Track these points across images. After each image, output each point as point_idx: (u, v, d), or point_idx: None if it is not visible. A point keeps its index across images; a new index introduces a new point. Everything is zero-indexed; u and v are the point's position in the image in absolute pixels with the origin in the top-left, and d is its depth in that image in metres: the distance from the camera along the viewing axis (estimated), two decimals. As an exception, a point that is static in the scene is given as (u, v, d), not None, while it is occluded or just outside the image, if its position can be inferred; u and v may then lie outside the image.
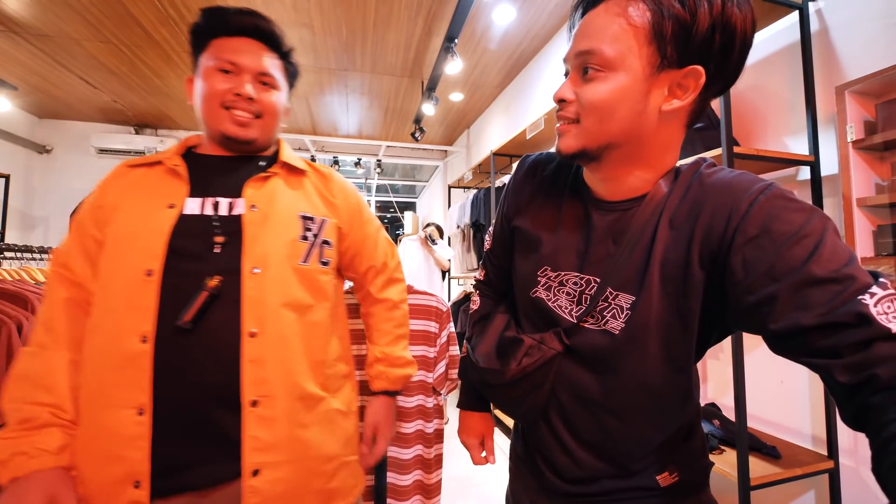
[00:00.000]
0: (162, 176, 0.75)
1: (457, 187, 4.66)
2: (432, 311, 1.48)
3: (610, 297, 0.55)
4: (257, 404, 0.65)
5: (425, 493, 1.38)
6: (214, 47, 0.77)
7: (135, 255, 0.67)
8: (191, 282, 0.66)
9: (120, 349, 0.63)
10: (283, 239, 0.73)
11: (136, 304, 0.64)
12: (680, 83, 0.49)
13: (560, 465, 0.62)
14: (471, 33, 2.96)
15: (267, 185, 0.77)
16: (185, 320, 0.64)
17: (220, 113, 0.75)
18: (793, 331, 0.41)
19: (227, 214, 0.72)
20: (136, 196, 0.72)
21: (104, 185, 0.76)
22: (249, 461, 0.64)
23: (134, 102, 4.18)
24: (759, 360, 1.52)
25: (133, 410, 0.62)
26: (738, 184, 0.48)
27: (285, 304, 0.71)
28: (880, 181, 1.25)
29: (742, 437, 1.17)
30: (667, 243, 0.51)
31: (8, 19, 2.80)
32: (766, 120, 1.55)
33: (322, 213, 0.81)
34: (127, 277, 0.66)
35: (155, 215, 0.70)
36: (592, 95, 0.50)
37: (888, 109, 1.22)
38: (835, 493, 1.29)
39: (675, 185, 0.53)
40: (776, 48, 1.52)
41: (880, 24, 1.23)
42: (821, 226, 0.42)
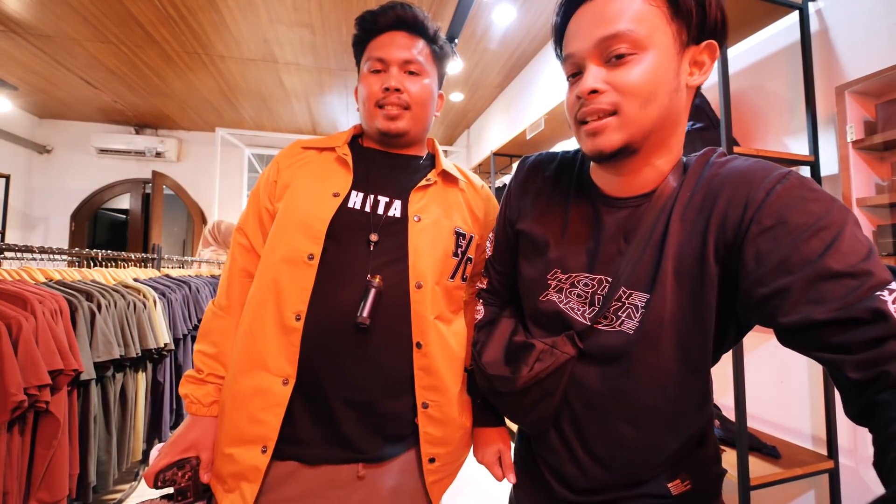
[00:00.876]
0: (331, 162, 0.80)
1: (457, 187, 4.65)
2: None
3: (623, 296, 0.53)
4: (428, 407, 0.73)
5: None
6: (368, 50, 0.81)
7: (299, 237, 0.72)
8: (345, 274, 0.71)
9: (277, 321, 0.70)
10: (440, 253, 0.76)
11: (296, 284, 0.70)
12: (697, 59, 0.50)
13: (567, 475, 0.60)
14: (471, 33, 2.96)
15: (428, 193, 0.80)
16: (365, 317, 0.67)
17: (376, 112, 0.78)
18: (804, 325, 0.39)
19: (385, 214, 0.76)
20: (306, 178, 0.78)
21: (280, 161, 0.81)
22: (426, 452, 0.74)
23: (134, 102, 4.18)
24: (759, 360, 1.52)
25: (280, 378, 0.68)
26: (754, 173, 0.46)
27: (437, 317, 0.75)
28: (880, 181, 1.25)
29: (742, 436, 1.17)
30: (680, 238, 0.50)
31: (8, 19, 2.80)
32: (766, 120, 1.55)
33: (470, 228, 0.82)
34: (291, 257, 0.71)
35: (321, 201, 0.74)
36: (632, 79, 0.48)
37: (888, 109, 1.22)
38: (835, 493, 1.29)
39: (686, 178, 0.52)
40: (776, 48, 1.52)
41: (880, 24, 1.23)
42: (840, 217, 0.40)
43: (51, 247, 2.00)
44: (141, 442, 2.10)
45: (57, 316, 1.53)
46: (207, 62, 3.37)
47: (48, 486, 1.41)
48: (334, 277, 0.71)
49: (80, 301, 1.70)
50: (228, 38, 3.02)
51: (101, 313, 1.77)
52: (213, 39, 3.05)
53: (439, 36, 0.83)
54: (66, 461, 1.46)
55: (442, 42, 0.84)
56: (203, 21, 2.82)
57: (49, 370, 1.36)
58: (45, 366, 1.36)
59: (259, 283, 0.74)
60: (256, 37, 3.01)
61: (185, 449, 0.72)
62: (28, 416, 1.36)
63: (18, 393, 1.26)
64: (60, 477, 1.43)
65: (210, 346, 0.77)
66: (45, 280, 1.88)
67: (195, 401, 0.75)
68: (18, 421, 1.33)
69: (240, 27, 2.90)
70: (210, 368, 0.76)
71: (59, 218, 4.66)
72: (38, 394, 1.32)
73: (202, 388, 0.75)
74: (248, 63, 3.41)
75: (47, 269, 1.96)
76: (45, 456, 1.40)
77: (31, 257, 2.01)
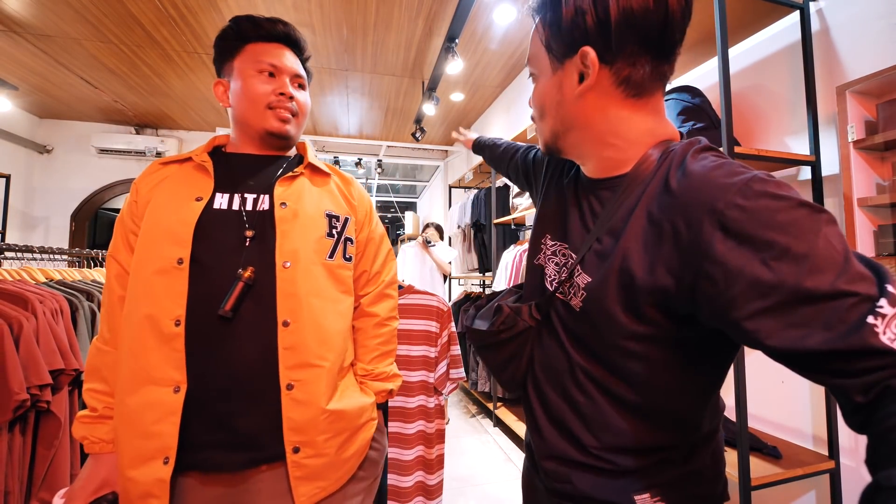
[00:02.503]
0: (190, 172, 0.80)
1: (457, 187, 4.66)
2: (433, 310, 1.48)
3: (576, 273, 0.56)
4: (293, 388, 0.72)
5: (427, 493, 1.38)
6: (251, 52, 0.83)
7: (165, 244, 0.72)
8: (220, 272, 0.72)
9: (156, 331, 0.69)
10: (311, 235, 0.79)
11: (170, 291, 0.70)
12: (581, 66, 0.52)
13: (534, 446, 0.63)
14: (471, 33, 2.96)
15: (294, 184, 0.83)
16: (227, 309, 0.69)
17: (265, 113, 0.81)
18: (793, 352, 0.37)
19: (253, 209, 0.78)
20: (166, 190, 0.78)
21: (138, 183, 0.82)
22: (288, 440, 0.71)
23: (134, 102, 4.18)
24: (759, 360, 1.52)
25: (170, 388, 0.68)
26: (715, 179, 0.43)
27: (314, 295, 0.77)
28: (881, 181, 1.25)
29: (743, 437, 1.17)
30: (637, 234, 0.49)
31: (8, 19, 2.80)
32: (766, 120, 1.55)
33: (345, 211, 0.87)
34: (160, 265, 0.71)
35: (183, 207, 0.75)
36: (532, 99, 0.61)
37: (889, 109, 1.22)
38: (835, 493, 1.29)
39: (660, 170, 0.50)
40: (777, 48, 1.52)
41: (881, 23, 1.23)
42: (811, 225, 0.37)
43: (51, 247, 2.00)
44: (141, 442, 2.10)
45: (58, 316, 1.53)
46: (208, 62, 3.37)
47: (49, 485, 1.41)
48: (208, 277, 0.71)
49: (80, 301, 1.70)
50: (229, 37, 3.02)
51: (102, 313, 1.77)
52: (214, 39, 3.05)
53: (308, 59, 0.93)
54: (67, 461, 1.46)
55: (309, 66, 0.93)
56: (203, 21, 2.82)
57: (50, 370, 1.36)
58: (46, 365, 1.36)
59: (131, 299, 0.73)
60: (257, 37, 3.01)
61: (97, 488, 0.71)
62: (29, 416, 1.36)
63: (21, 392, 1.26)
64: (62, 477, 1.43)
65: (101, 384, 0.76)
66: (45, 280, 1.88)
67: (97, 440, 0.73)
68: (20, 421, 1.33)
69: (240, 27, 2.89)
70: (106, 404, 0.75)
71: (60, 218, 4.66)
72: (40, 393, 1.32)
73: (102, 426, 0.74)
74: (248, 63, 3.40)
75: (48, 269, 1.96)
76: (46, 456, 1.40)
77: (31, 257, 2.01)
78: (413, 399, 1.39)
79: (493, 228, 3.25)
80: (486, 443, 2.80)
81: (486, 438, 2.87)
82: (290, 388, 0.71)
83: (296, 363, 0.72)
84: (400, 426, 1.36)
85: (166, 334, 0.69)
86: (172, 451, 0.66)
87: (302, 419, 0.72)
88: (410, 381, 1.40)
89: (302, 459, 0.71)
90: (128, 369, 0.70)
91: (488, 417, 3.27)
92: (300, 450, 0.71)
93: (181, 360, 0.68)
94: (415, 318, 1.44)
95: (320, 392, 0.74)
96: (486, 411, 3.38)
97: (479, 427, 3.10)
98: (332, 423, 0.75)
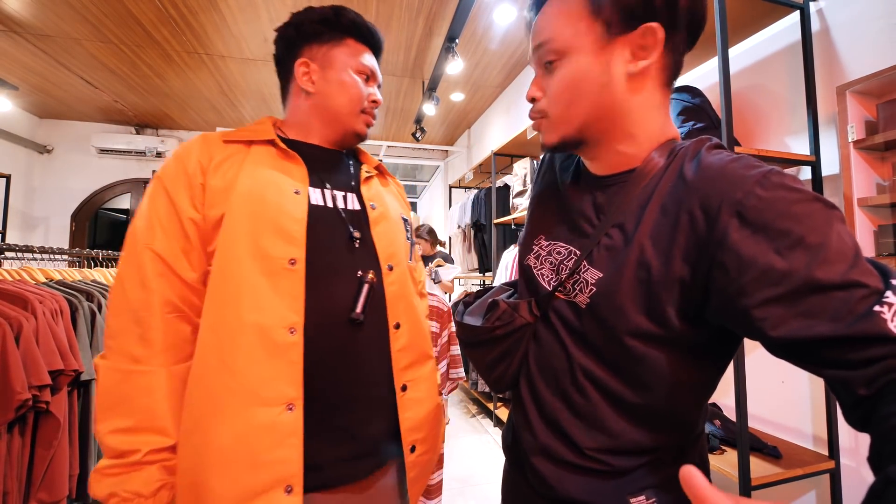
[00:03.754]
0: (274, 158, 0.71)
1: (458, 187, 4.66)
2: (433, 310, 1.48)
3: (582, 269, 0.54)
4: (407, 388, 0.72)
5: (426, 493, 1.38)
6: (354, 49, 0.79)
7: (272, 241, 0.64)
8: (336, 274, 0.68)
9: (265, 341, 0.60)
10: (399, 238, 0.80)
11: (282, 295, 0.62)
12: (640, 45, 0.49)
13: (525, 443, 0.60)
14: (472, 33, 2.96)
15: (373, 185, 0.83)
16: (358, 312, 0.66)
17: (359, 115, 0.80)
18: (797, 341, 0.37)
19: (345, 208, 0.75)
20: (254, 177, 0.67)
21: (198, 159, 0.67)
22: (407, 440, 0.70)
23: (135, 102, 4.18)
24: (760, 360, 1.52)
25: (281, 407, 0.59)
26: (734, 171, 0.43)
27: (412, 295, 0.79)
28: (881, 181, 1.25)
29: (743, 437, 1.17)
30: (652, 227, 0.48)
31: (8, 19, 2.80)
32: (767, 120, 1.55)
33: (408, 215, 0.89)
34: (266, 265, 0.63)
35: (284, 199, 0.67)
36: (554, 85, 0.52)
37: (889, 109, 1.21)
38: (836, 493, 1.28)
39: (672, 164, 0.49)
40: (777, 48, 1.52)
41: (881, 23, 1.23)
42: (825, 219, 0.38)
43: (51, 247, 2.00)
44: (141, 442, 2.10)
45: (57, 316, 1.53)
46: (208, 62, 3.37)
47: (48, 486, 1.41)
48: (323, 280, 0.66)
49: (80, 301, 1.70)
50: (229, 37, 3.03)
51: (102, 313, 1.77)
52: (214, 39, 3.05)
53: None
54: (66, 461, 1.46)
55: None
56: (203, 21, 2.82)
57: (49, 370, 1.36)
58: (46, 366, 1.36)
59: (222, 305, 0.62)
60: (257, 36, 3.01)
61: None
62: (28, 417, 1.36)
63: (24, 391, 1.26)
64: (60, 477, 1.43)
65: (130, 420, 0.59)
66: (45, 280, 1.87)
67: (132, 496, 0.56)
68: (19, 421, 1.33)
69: (240, 27, 2.90)
70: (145, 445, 0.58)
71: (60, 218, 4.66)
72: (39, 394, 1.32)
73: (138, 474, 0.57)
74: (248, 63, 3.41)
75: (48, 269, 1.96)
76: (45, 456, 1.40)
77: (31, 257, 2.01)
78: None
79: (494, 228, 3.25)
80: (486, 443, 2.79)
81: (486, 438, 2.87)
82: (404, 389, 0.72)
83: (407, 364, 0.73)
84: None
85: (280, 345, 0.60)
86: (298, 479, 0.58)
87: (419, 417, 0.73)
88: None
89: (417, 458, 0.72)
90: (220, 390, 0.59)
91: (488, 417, 3.27)
92: (416, 448, 0.72)
93: (297, 373, 0.60)
94: (414, 319, 1.44)
95: (432, 388, 0.77)
96: (486, 411, 3.38)
97: (479, 427, 3.10)
98: (437, 417, 0.78)
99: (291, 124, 0.80)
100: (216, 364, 0.60)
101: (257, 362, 0.60)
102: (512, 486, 0.67)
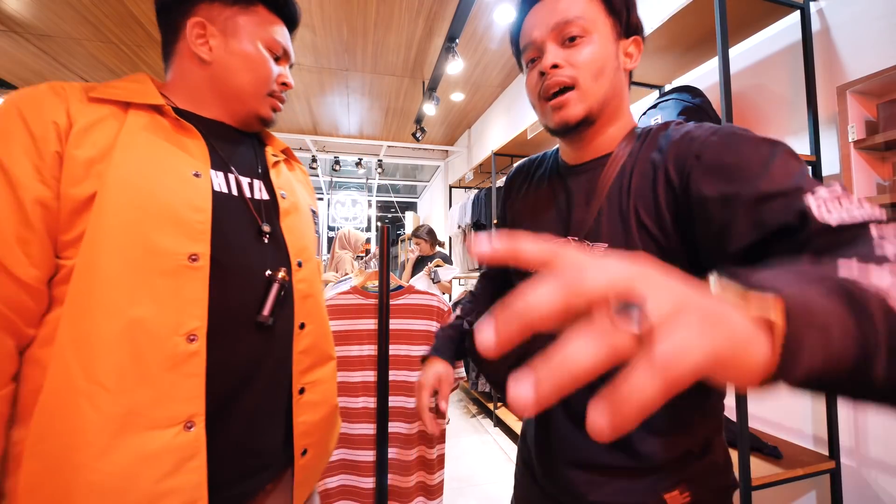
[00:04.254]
0: (168, 129, 0.59)
1: (458, 187, 4.66)
2: (434, 310, 1.48)
3: (587, 248, 0.57)
4: (304, 391, 0.68)
5: (427, 493, 1.38)
6: (264, 20, 0.67)
7: (166, 233, 0.53)
8: (242, 272, 0.60)
9: (158, 352, 0.51)
10: (309, 232, 0.74)
11: (179, 296, 0.53)
12: (627, 51, 0.60)
13: (555, 450, 0.61)
14: (472, 33, 2.96)
15: (281, 171, 0.74)
16: (266, 315, 0.60)
17: (264, 97, 0.69)
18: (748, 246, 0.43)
19: (251, 197, 0.65)
20: (143, 148, 0.55)
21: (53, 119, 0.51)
22: (298, 444, 0.66)
23: (135, 102, 4.18)
24: (760, 361, 1.52)
25: (178, 427, 0.51)
26: (695, 131, 0.52)
27: (320, 293, 0.73)
28: (881, 181, 1.25)
29: (743, 437, 1.17)
30: (636, 190, 0.54)
31: (9, 19, 2.80)
32: (767, 120, 1.55)
33: (315, 206, 0.83)
34: (156, 264, 0.52)
35: (182, 183, 0.56)
36: (584, 56, 0.56)
37: (889, 109, 1.21)
38: (836, 493, 1.28)
39: (647, 141, 0.57)
40: (777, 48, 1.52)
41: (882, 23, 1.23)
42: (768, 150, 0.45)
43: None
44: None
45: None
46: (208, 62, 3.37)
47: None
48: (229, 279, 0.58)
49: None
50: (229, 37, 3.03)
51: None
52: None
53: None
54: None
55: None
56: (204, 21, 2.82)
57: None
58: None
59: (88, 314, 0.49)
60: (257, 37, 3.01)
61: None
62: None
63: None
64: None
65: None
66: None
67: None
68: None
69: (240, 27, 2.90)
70: None
71: (60, 218, 4.66)
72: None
73: None
74: (248, 63, 3.41)
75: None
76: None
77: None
78: (413, 399, 1.39)
79: (494, 228, 3.25)
80: (486, 443, 2.80)
81: (486, 438, 2.87)
82: (301, 391, 0.67)
83: (308, 365, 0.69)
84: (401, 426, 1.36)
85: (177, 355, 0.51)
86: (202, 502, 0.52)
87: (313, 420, 0.69)
88: (412, 381, 1.40)
89: (308, 461, 0.68)
90: (91, 417, 0.47)
91: (488, 417, 3.27)
92: (308, 451, 0.68)
93: (199, 386, 0.52)
94: (415, 318, 1.44)
95: (330, 390, 0.72)
96: (487, 411, 3.38)
97: (479, 427, 3.10)
98: (333, 418, 0.74)
99: (178, 91, 0.65)
100: (83, 386, 0.48)
101: (145, 379, 0.50)
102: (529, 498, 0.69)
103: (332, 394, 0.73)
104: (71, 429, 0.47)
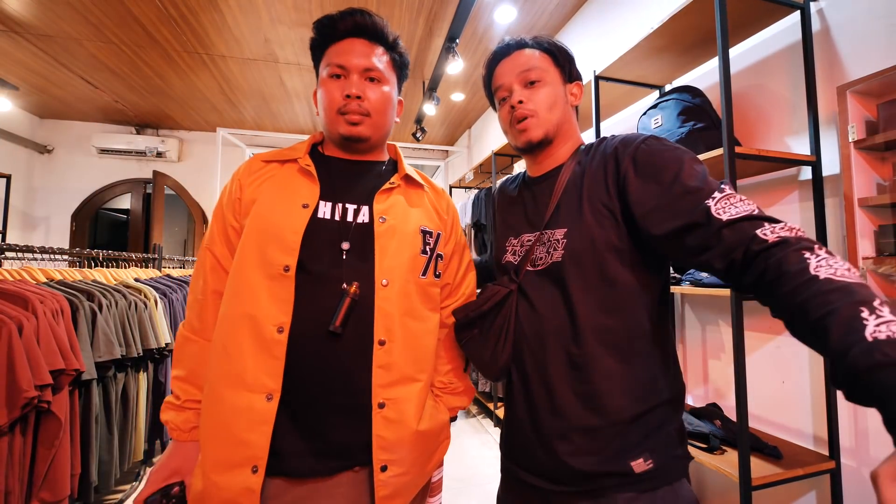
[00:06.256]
0: (295, 175, 0.80)
1: (458, 187, 4.66)
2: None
3: (550, 236, 0.74)
4: (384, 406, 0.71)
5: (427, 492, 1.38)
6: (327, 55, 0.81)
7: (273, 249, 0.72)
8: (324, 283, 0.72)
9: (256, 335, 0.69)
10: (407, 253, 0.78)
11: (275, 297, 0.70)
12: (572, 91, 0.83)
13: (542, 426, 0.70)
14: (472, 33, 2.96)
15: (392, 196, 0.81)
16: (337, 325, 0.69)
17: (338, 119, 0.79)
18: (669, 233, 0.61)
19: (353, 221, 0.77)
20: (272, 191, 0.78)
21: (242, 179, 0.81)
22: (377, 458, 0.70)
23: (135, 102, 4.19)
24: (760, 361, 1.52)
25: (262, 395, 0.67)
26: (629, 138, 0.72)
27: (408, 314, 0.76)
28: (882, 181, 1.25)
29: (743, 437, 1.17)
30: (590, 186, 0.72)
31: (9, 19, 2.80)
32: (767, 120, 1.55)
33: (437, 226, 0.85)
34: (266, 270, 0.71)
35: (291, 213, 0.75)
36: (541, 95, 0.78)
37: (890, 109, 1.21)
38: (836, 493, 1.28)
39: (593, 151, 0.76)
40: (777, 48, 1.52)
41: (882, 23, 1.23)
42: (680, 158, 0.64)
43: (52, 247, 2.00)
44: (143, 442, 2.11)
45: (58, 316, 1.53)
46: (208, 62, 3.37)
47: (50, 485, 1.41)
48: (313, 288, 0.71)
49: (81, 301, 1.70)
50: (229, 37, 3.03)
51: (103, 313, 1.78)
52: (214, 39, 3.05)
53: (399, 44, 0.85)
54: (67, 461, 1.46)
55: (401, 50, 0.86)
56: (204, 21, 2.82)
57: (50, 370, 1.36)
58: (47, 366, 1.36)
59: (231, 299, 0.73)
60: (257, 37, 3.01)
61: (168, 475, 0.73)
62: (30, 416, 1.36)
63: (30, 389, 1.26)
64: (62, 476, 1.44)
65: (184, 371, 0.77)
66: (46, 280, 1.88)
67: (175, 427, 0.75)
68: (20, 421, 1.33)
69: (241, 27, 2.90)
70: (187, 394, 0.76)
71: (60, 218, 4.66)
72: (40, 393, 1.32)
73: (181, 414, 0.76)
74: (249, 63, 3.41)
75: (48, 269, 1.96)
76: (46, 456, 1.40)
77: (31, 257, 2.01)
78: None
79: (494, 228, 3.25)
80: (486, 443, 2.80)
81: (486, 438, 2.87)
82: (381, 406, 0.71)
83: (389, 382, 0.72)
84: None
85: (268, 340, 0.68)
86: (262, 461, 0.65)
87: (392, 438, 0.71)
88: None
89: (389, 478, 0.71)
90: (220, 369, 0.70)
91: (488, 417, 3.27)
92: (388, 468, 0.71)
93: (279, 368, 0.67)
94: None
95: (411, 412, 0.74)
96: (487, 411, 3.39)
97: (479, 427, 3.10)
98: (419, 443, 0.75)
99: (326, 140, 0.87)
100: (219, 348, 0.72)
101: (247, 353, 0.68)
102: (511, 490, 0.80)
103: (411, 416, 0.74)
104: (212, 374, 0.72)
